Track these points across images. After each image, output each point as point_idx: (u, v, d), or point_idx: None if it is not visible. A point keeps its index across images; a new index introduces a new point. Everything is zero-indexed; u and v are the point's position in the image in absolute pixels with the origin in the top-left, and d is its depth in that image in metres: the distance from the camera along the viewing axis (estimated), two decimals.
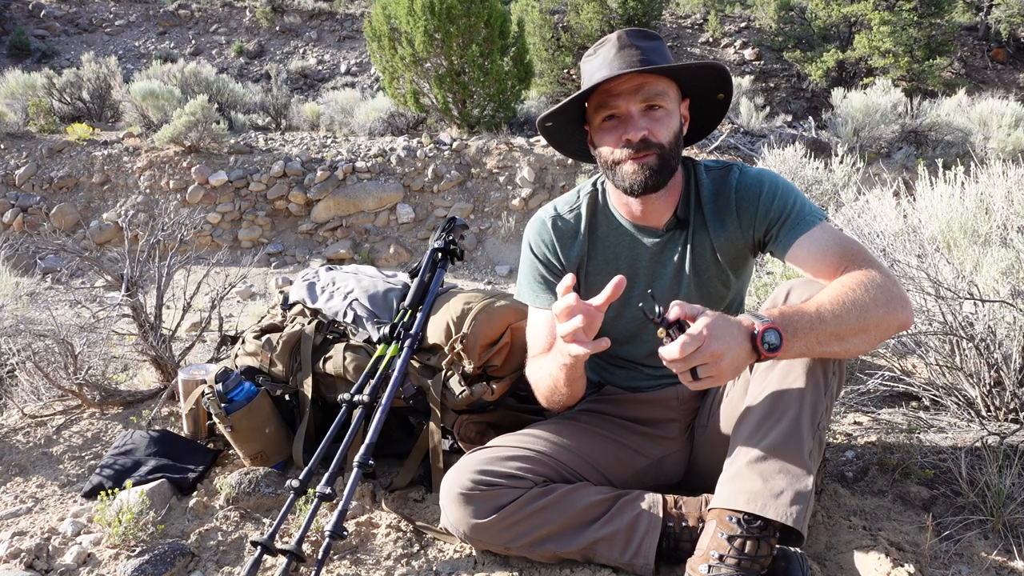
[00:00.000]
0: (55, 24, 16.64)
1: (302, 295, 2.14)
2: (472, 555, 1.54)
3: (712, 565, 1.27)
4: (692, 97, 1.54)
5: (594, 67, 1.47)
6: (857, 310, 1.28)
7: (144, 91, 9.55)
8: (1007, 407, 2.04)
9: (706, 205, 1.56)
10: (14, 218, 8.23)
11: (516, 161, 8.43)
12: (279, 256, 8.06)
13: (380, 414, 1.65)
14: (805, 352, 1.28)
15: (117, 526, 1.61)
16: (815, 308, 1.28)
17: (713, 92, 1.53)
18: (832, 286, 1.34)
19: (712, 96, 1.54)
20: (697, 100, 1.55)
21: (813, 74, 12.94)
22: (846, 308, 1.28)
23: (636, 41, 1.45)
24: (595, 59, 1.48)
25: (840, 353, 1.32)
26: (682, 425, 1.68)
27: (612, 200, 1.61)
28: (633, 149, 1.42)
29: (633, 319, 1.62)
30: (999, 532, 1.56)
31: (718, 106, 1.57)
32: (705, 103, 1.56)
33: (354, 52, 16.31)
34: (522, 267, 1.67)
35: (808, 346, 1.26)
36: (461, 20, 8.58)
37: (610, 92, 1.44)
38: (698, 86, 1.51)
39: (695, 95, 1.54)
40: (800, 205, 1.49)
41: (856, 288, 1.31)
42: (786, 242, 1.47)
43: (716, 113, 1.59)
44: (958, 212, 2.42)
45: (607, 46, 1.46)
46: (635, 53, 1.43)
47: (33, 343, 2.55)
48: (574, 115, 1.55)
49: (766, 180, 1.52)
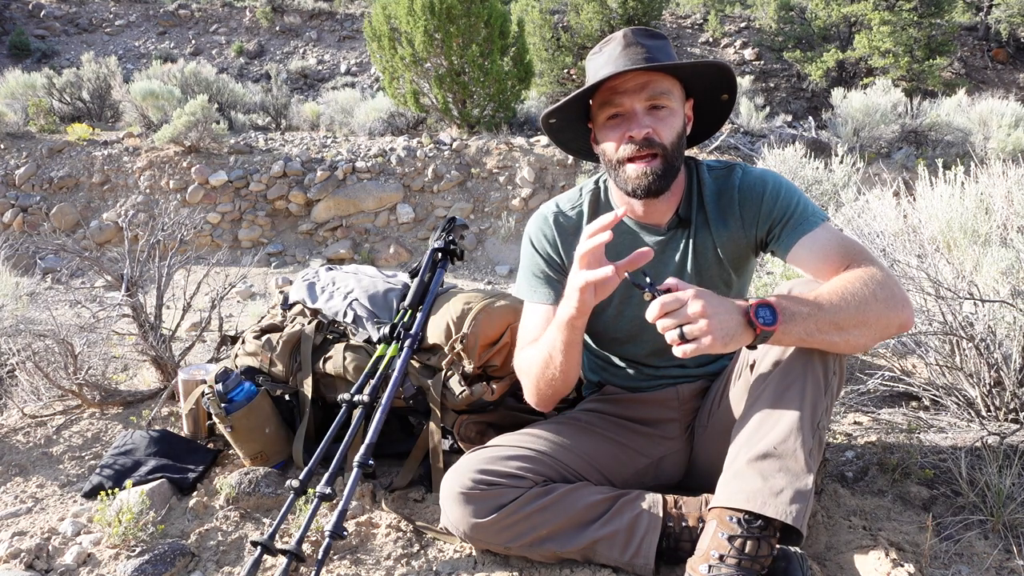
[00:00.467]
0: (55, 24, 16.64)
1: (302, 295, 2.14)
2: (472, 555, 1.54)
3: (712, 565, 1.27)
4: (696, 98, 1.54)
5: (599, 64, 1.47)
6: (857, 302, 1.29)
7: (144, 91, 9.55)
8: (1007, 407, 2.04)
9: (708, 204, 1.56)
10: (14, 218, 8.23)
11: (516, 161, 8.43)
12: (279, 256, 8.06)
13: (380, 414, 1.65)
14: (804, 338, 1.28)
15: (117, 526, 1.61)
16: (814, 296, 1.29)
17: (717, 93, 1.53)
18: (833, 280, 1.35)
19: (716, 97, 1.54)
20: (701, 101, 1.55)
21: (813, 74, 12.93)
22: (846, 299, 1.28)
23: (642, 39, 1.45)
24: (600, 56, 1.48)
25: (840, 344, 1.32)
26: (682, 425, 1.68)
27: (614, 198, 1.61)
28: (636, 147, 1.42)
29: (634, 318, 1.62)
30: (999, 532, 1.56)
31: (722, 107, 1.57)
32: (709, 104, 1.56)
33: (354, 52, 16.31)
34: (522, 262, 1.68)
35: (807, 332, 1.26)
36: (461, 20, 8.58)
37: (615, 90, 1.43)
38: (702, 87, 1.51)
39: (699, 96, 1.54)
40: (803, 206, 1.49)
41: (856, 282, 1.31)
42: (788, 242, 1.48)
43: (720, 114, 1.59)
44: (958, 212, 2.42)
45: (612, 43, 1.46)
46: (641, 51, 1.43)
47: (33, 343, 2.55)
48: (578, 112, 1.55)
49: (769, 180, 1.52)
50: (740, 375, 1.53)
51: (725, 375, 1.61)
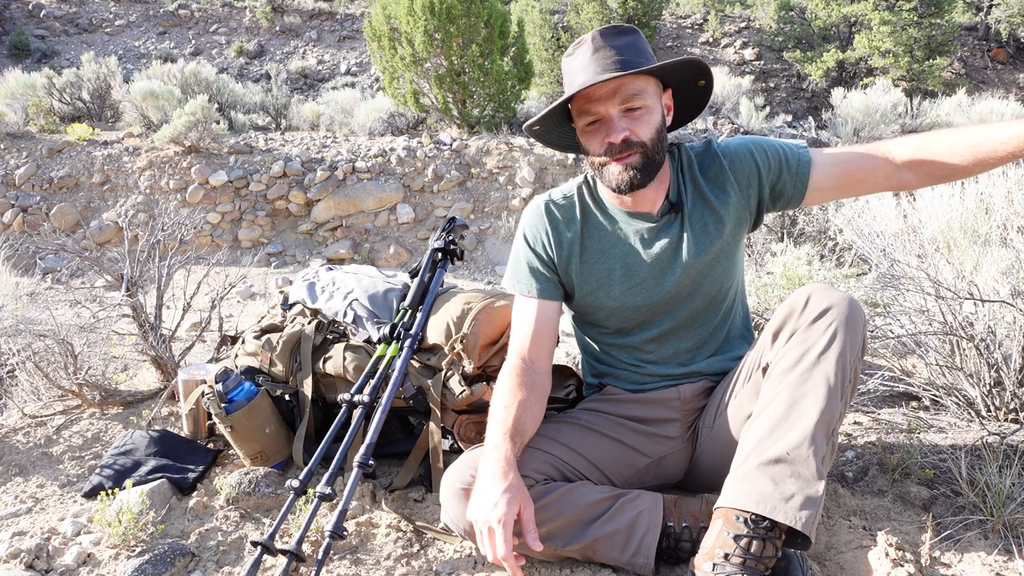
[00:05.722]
0: (55, 24, 16.64)
1: (302, 295, 2.14)
2: (472, 555, 1.54)
3: (717, 563, 1.27)
4: (673, 87, 1.56)
5: (573, 69, 1.50)
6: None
7: (144, 91, 9.56)
8: (1007, 407, 2.04)
9: (701, 180, 1.60)
10: (14, 218, 8.23)
11: (516, 161, 8.44)
12: (279, 256, 8.06)
13: (380, 414, 1.65)
14: None
15: (117, 526, 1.61)
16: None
17: (693, 81, 1.56)
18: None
19: (693, 84, 1.57)
20: (679, 89, 1.58)
21: (813, 74, 12.94)
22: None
23: (610, 41, 1.46)
24: (574, 60, 1.51)
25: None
26: (683, 425, 1.68)
27: (603, 191, 1.65)
28: (616, 151, 1.46)
29: (636, 309, 1.62)
30: (999, 532, 1.56)
31: (702, 91, 1.59)
32: (688, 90, 1.59)
33: (354, 52, 16.32)
34: (513, 251, 1.70)
35: None
36: (461, 20, 8.58)
37: (588, 98, 1.47)
38: (677, 77, 1.54)
39: (676, 85, 1.56)
40: (788, 148, 1.59)
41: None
42: (801, 182, 1.57)
43: (700, 99, 1.61)
44: (958, 212, 2.42)
45: (583, 47, 1.49)
46: (610, 54, 1.45)
47: (33, 343, 2.55)
48: (560, 116, 1.58)
49: (750, 143, 1.61)
50: (750, 377, 1.53)
51: (731, 376, 1.61)
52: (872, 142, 1.59)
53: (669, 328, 1.65)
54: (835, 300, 1.36)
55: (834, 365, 1.33)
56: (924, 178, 1.51)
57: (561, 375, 1.98)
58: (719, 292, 1.64)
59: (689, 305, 1.63)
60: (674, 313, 1.63)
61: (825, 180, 1.57)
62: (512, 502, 1.31)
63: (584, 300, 1.65)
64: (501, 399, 1.51)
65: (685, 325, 1.65)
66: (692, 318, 1.65)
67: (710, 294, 1.63)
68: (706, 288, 1.62)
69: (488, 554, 1.31)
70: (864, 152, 1.56)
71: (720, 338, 1.69)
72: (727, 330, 1.70)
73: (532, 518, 1.34)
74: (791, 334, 1.39)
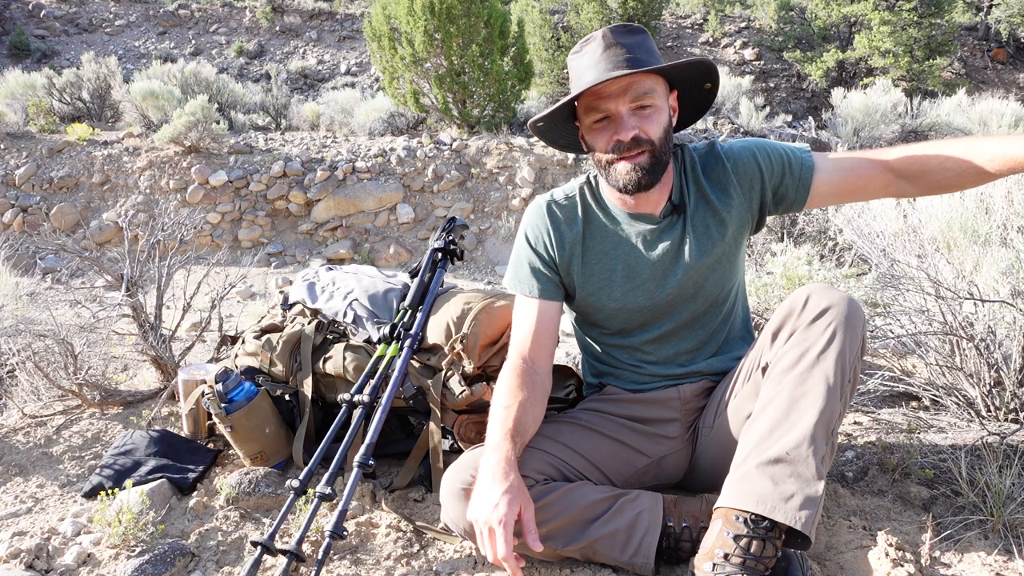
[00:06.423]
0: (55, 24, 16.65)
1: (302, 295, 2.14)
2: (472, 555, 1.54)
3: (717, 563, 1.27)
4: (680, 88, 1.57)
5: (582, 67, 1.49)
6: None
7: (144, 91, 9.56)
8: (1007, 407, 2.04)
9: (704, 182, 1.60)
10: (14, 218, 8.23)
11: (516, 161, 8.44)
12: (279, 256, 8.06)
13: (380, 414, 1.65)
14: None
15: (117, 526, 1.61)
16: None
17: (700, 83, 1.56)
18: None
19: (700, 86, 1.57)
20: (685, 91, 1.58)
21: (813, 74, 12.94)
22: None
23: (621, 39, 1.46)
24: (582, 57, 1.50)
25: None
26: (683, 425, 1.68)
27: (605, 192, 1.64)
28: (625, 148, 1.46)
29: (637, 310, 1.62)
30: (999, 532, 1.56)
31: (706, 94, 1.60)
32: (693, 93, 1.59)
33: (354, 52, 16.32)
34: (514, 252, 1.70)
35: None
36: (461, 20, 8.58)
37: (599, 95, 1.46)
38: (685, 79, 1.54)
39: (682, 87, 1.57)
40: (791, 152, 1.58)
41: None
42: (803, 187, 1.56)
43: (704, 101, 1.62)
44: (958, 212, 2.42)
45: (593, 44, 1.48)
46: (621, 52, 1.44)
47: (33, 343, 2.55)
48: (565, 114, 1.57)
49: (753, 146, 1.60)
50: (749, 377, 1.53)
51: (731, 376, 1.61)
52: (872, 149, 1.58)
53: (670, 329, 1.65)
54: (834, 300, 1.36)
55: (833, 365, 1.33)
56: (921, 189, 1.53)
57: (561, 375, 1.98)
58: (720, 294, 1.64)
59: (690, 307, 1.63)
60: (675, 315, 1.64)
61: (827, 186, 1.56)
62: (513, 503, 1.31)
63: (585, 301, 1.65)
64: (501, 399, 1.51)
65: (686, 326, 1.65)
66: (693, 320, 1.65)
67: (711, 296, 1.63)
68: (707, 290, 1.62)
69: (488, 554, 1.31)
70: (865, 160, 1.55)
71: (720, 339, 1.69)
72: (727, 331, 1.70)
73: (532, 518, 1.34)
74: (790, 334, 1.39)
